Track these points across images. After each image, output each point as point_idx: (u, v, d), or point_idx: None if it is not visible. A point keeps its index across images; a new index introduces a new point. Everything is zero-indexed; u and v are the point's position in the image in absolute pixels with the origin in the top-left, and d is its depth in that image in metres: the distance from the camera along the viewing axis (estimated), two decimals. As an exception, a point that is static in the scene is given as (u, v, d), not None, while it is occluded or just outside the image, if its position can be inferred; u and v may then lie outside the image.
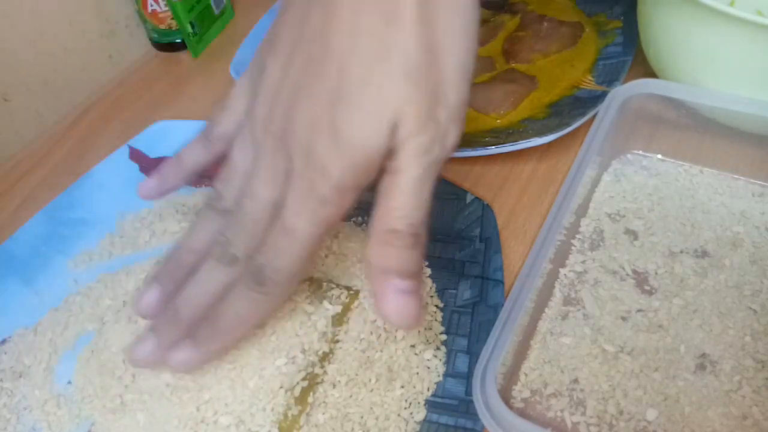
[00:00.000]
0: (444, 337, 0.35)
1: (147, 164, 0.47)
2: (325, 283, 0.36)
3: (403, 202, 0.28)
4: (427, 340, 0.35)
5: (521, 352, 0.35)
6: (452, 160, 0.45)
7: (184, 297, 0.31)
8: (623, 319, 0.36)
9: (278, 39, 0.30)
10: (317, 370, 0.33)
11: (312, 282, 0.36)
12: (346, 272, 0.37)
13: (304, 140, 0.28)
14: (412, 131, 0.27)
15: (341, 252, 0.39)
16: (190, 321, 0.31)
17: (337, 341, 0.34)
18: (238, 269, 0.30)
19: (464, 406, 0.32)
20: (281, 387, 0.32)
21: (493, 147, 0.43)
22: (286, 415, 0.31)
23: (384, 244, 0.28)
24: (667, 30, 0.41)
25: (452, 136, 0.29)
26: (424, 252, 0.29)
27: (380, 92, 0.27)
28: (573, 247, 0.39)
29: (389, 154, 0.28)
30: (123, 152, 0.48)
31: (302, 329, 0.34)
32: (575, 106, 0.46)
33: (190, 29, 0.58)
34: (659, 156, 0.44)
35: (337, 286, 0.36)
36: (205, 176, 0.37)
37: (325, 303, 0.35)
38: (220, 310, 0.31)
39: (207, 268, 0.31)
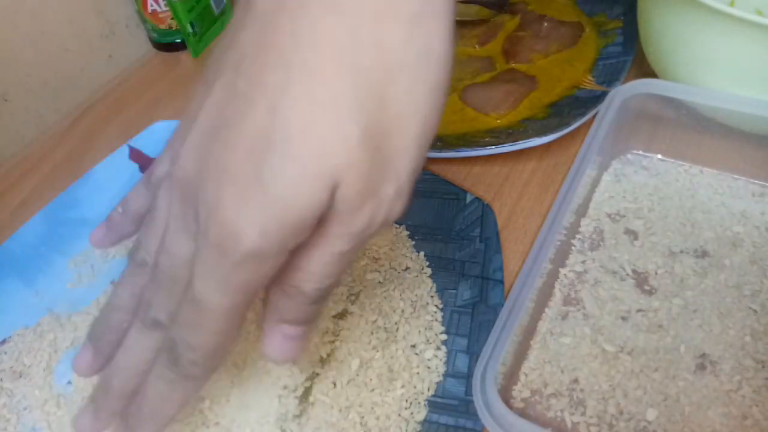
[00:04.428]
0: (444, 337, 0.35)
1: (147, 164, 0.47)
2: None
3: (317, 270, 0.24)
4: (427, 340, 0.35)
5: (521, 352, 0.35)
6: (452, 161, 0.46)
7: (114, 366, 0.28)
8: (623, 319, 0.36)
9: (211, 64, 0.25)
10: (318, 369, 0.33)
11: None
12: (348, 272, 0.37)
13: (214, 194, 0.22)
14: (350, 202, 0.23)
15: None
16: (122, 393, 0.28)
17: (338, 341, 0.34)
18: (162, 333, 0.26)
19: (464, 406, 0.32)
20: (283, 387, 0.32)
21: (493, 147, 0.43)
22: (287, 416, 0.31)
23: (285, 295, 0.25)
24: (667, 30, 0.41)
25: (395, 211, 0.24)
26: (326, 303, 0.27)
27: (320, 144, 0.22)
28: (573, 247, 0.39)
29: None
30: (123, 152, 0.48)
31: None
32: (575, 106, 0.46)
33: (190, 29, 0.58)
34: (659, 156, 0.44)
35: (338, 285, 0.36)
36: None
37: (327, 303, 0.35)
38: (144, 392, 0.27)
39: (134, 332, 0.27)
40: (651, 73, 0.46)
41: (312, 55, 0.22)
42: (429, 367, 0.34)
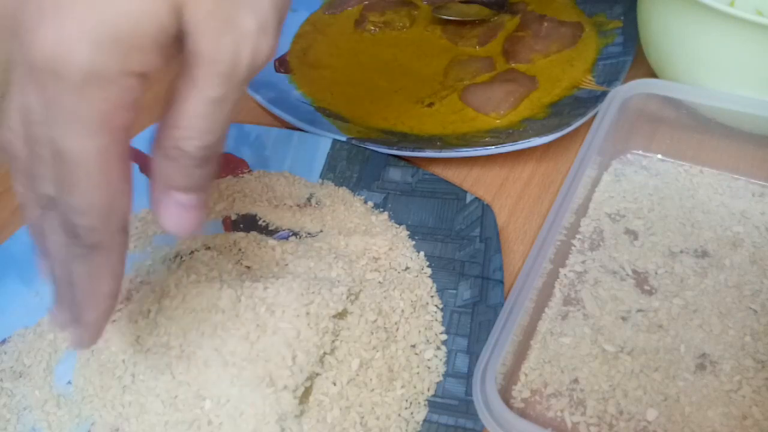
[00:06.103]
0: (444, 337, 0.35)
1: (147, 164, 0.47)
2: (326, 283, 0.36)
3: (193, 124, 0.23)
4: (428, 340, 0.35)
5: (521, 352, 0.35)
6: (452, 161, 0.46)
7: (50, 257, 0.26)
8: (623, 319, 0.36)
9: None
10: (318, 369, 0.33)
11: (312, 282, 0.36)
12: (348, 272, 0.37)
13: (28, 20, 0.20)
14: (202, 32, 0.21)
15: (343, 252, 0.39)
16: (62, 284, 0.26)
17: (338, 341, 0.34)
18: (57, 220, 0.24)
19: (464, 406, 0.32)
20: (283, 387, 0.32)
21: (493, 147, 0.43)
22: (287, 416, 0.31)
23: (168, 159, 0.24)
24: (667, 30, 0.41)
25: (263, 49, 0.23)
26: (216, 167, 0.25)
27: None
28: (573, 247, 0.39)
29: (178, 44, 0.22)
30: (123, 152, 0.48)
31: (303, 329, 0.33)
32: (575, 106, 0.46)
33: (190, 29, 0.58)
34: (659, 156, 0.44)
35: (338, 285, 0.36)
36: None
37: (326, 302, 0.35)
38: (73, 278, 0.25)
39: (40, 217, 0.25)
40: (651, 73, 0.46)
41: None
42: (429, 367, 0.34)
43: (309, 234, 0.42)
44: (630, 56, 0.49)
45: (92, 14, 0.19)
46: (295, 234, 0.42)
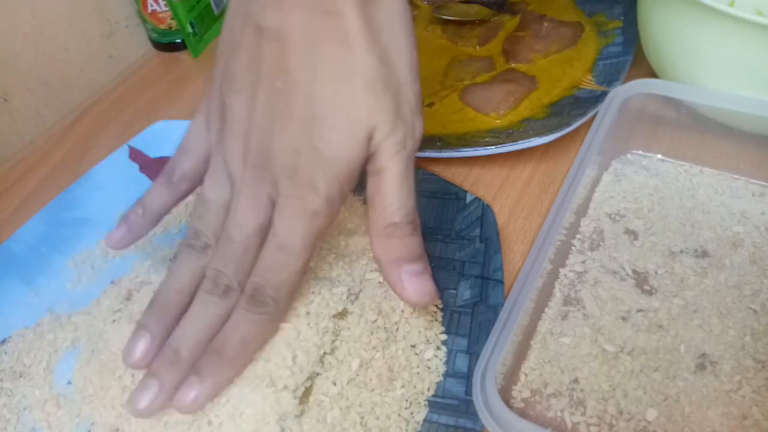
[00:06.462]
0: (444, 337, 0.35)
1: (147, 164, 0.47)
2: (326, 283, 0.36)
3: (395, 196, 0.31)
4: (428, 340, 0.35)
5: (521, 352, 0.35)
6: (452, 161, 0.46)
7: (181, 336, 0.31)
8: (623, 319, 0.36)
9: (236, 78, 0.31)
10: (318, 369, 0.33)
11: (313, 282, 0.36)
12: (348, 272, 0.37)
13: (288, 165, 0.30)
14: (386, 134, 0.30)
15: (343, 252, 0.39)
16: (191, 358, 0.31)
17: (338, 341, 0.34)
18: (232, 299, 0.31)
19: (464, 406, 0.32)
20: (283, 387, 0.32)
21: (493, 147, 0.43)
22: (287, 416, 0.31)
23: (387, 238, 0.31)
24: (667, 30, 0.41)
25: (418, 127, 0.31)
26: (421, 236, 0.32)
27: (350, 109, 0.29)
28: (573, 247, 0.39)
29: (369, 158, 0.30)
30: (123, 152, 0.48)
31: (303, 329, 0.33)
32: (575, 106, 0.46)
33: (190, 29, 0.58)
34: (659, 156, 0.44)
35: (338, 285, 0.36)
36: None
37: (326, 302, 0.35)
38: (223, 340, 0.31)
39: (200, 303, 0.31)
40: (651, 73, 0.46)
41: (323, 47, 0.29)
42: (429, 367, 0.34)
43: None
44: (630, 56, 0.49)
45: (326, 165, 0.30)
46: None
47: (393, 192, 0.30)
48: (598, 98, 0.45)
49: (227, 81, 0.32)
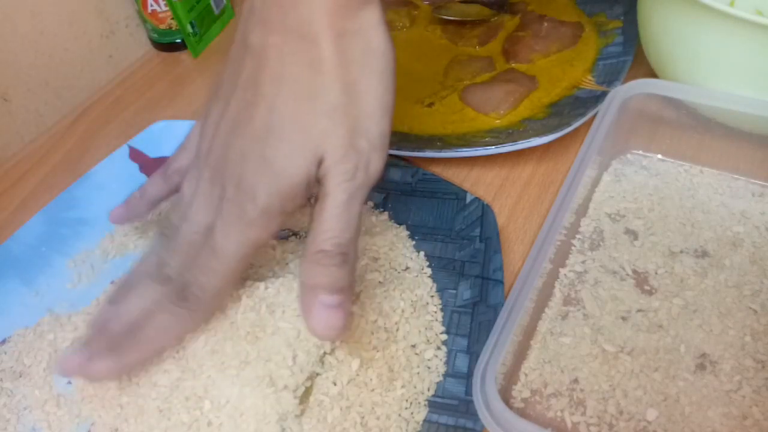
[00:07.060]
0: (444, 337, 0.35)
1: (147, 164, 0.47)
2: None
3: (331, 224, 0.30)
4: (428, 340, 0.35)
5: (521, 352, 0.35)
6: (452, 161, 0.46)
7: (115, 312, 0.33)
8: (623, 319, 0.36)
9: (220, 87, 0.33)
10: (318, 369, 0.33)
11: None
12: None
13: (236, 170, 0.31)
14: (336, 160, 0.30)
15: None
16: (117, 334, 0.32)
17: (338, 341, 0.34)
18: (169, 288, 0.32)
19: (464, 406, 0.32)
20: (283, 387, 0.32)
21: (493, 147, 0.43)
22: (287, 416, 0.31)
23: (313, 264, 0.30)
24: (667, 30, 0.41)
25: (375, 162, 0.31)
26: (355, 269, 0.31)
27: (304, 127, 0.30)
28: (573, 247, 0.39)
29: (319, 182, 0.31)
30: (123, 152, 0.48)
31: (304, 329, 0.33)
32: (575, 106, 0.46)
33: (190, 29, 0.58)
34: (659, 156, 0.44)
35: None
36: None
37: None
38: (141, 324, 0.32)
39: (142, 285, 0.33)
40: (651, 73, 0.46)
41: (292, 68, 0.30)
42: (429, 367, 0.34)
43: (309, 234, 0.42)
44: (630, 56, 0.49)
45: (271, 175, 0.30)
46: (295, 234, 0.42)
47: (330, 219, 0.30)
48: (598, 98, 0.45)
49: (214, 88, 0.34)
